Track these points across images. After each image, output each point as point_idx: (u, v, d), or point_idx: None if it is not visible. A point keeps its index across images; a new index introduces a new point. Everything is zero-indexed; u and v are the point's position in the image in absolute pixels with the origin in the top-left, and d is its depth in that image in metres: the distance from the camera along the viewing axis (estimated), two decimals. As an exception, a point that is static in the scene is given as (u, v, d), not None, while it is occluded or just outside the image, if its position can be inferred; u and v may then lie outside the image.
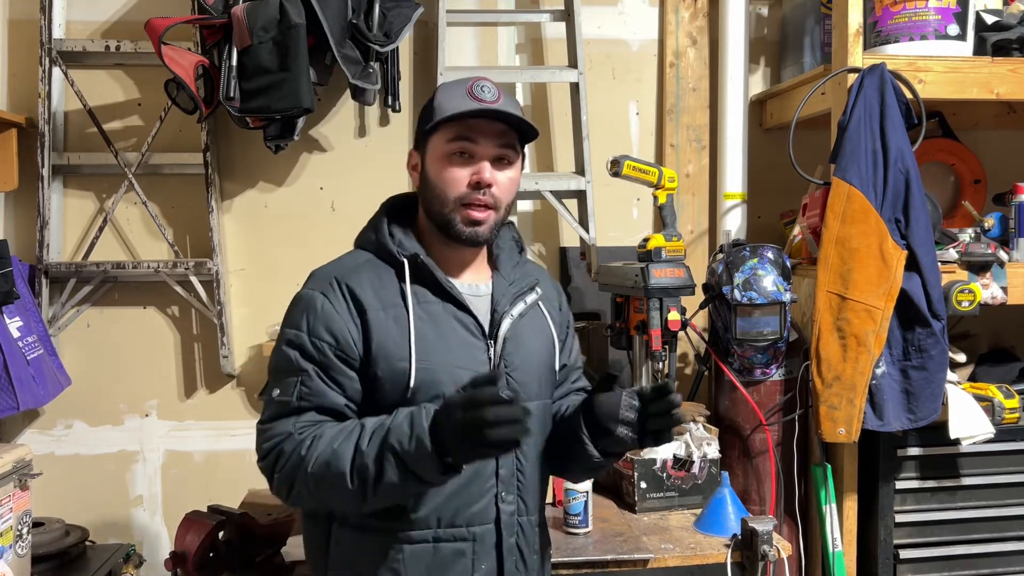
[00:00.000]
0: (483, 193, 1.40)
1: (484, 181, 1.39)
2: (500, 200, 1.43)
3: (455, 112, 1.38)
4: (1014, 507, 2.32)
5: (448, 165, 1.41)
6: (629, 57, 2.86)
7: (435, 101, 1.43)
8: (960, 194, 2.74)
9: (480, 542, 1.41)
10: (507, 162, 1.44)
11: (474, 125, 1.40)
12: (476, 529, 1.41)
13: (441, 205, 1.42)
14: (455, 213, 1.41)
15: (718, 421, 2.38)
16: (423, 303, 1.41)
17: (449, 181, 1.41)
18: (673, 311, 2.27)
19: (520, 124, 1.42)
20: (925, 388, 2.18)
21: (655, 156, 2.88)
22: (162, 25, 2.29)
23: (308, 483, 1.30)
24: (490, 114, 1.39)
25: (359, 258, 1.46)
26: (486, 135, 1.41)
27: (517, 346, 1.46)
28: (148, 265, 2.59)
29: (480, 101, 1.38)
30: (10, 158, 2.52)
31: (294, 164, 2.72)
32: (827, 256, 2.19)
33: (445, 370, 1.38)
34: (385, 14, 2.53)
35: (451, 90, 1.42)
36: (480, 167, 1.40)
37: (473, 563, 1.41)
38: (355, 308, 1.38)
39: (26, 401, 2.35)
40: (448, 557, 1.40)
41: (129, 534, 2.70)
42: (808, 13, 2.69)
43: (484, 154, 1.41)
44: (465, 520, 1.40)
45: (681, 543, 1.92)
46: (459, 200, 1.40)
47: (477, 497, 1.41)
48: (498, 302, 1.46)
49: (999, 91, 2.34)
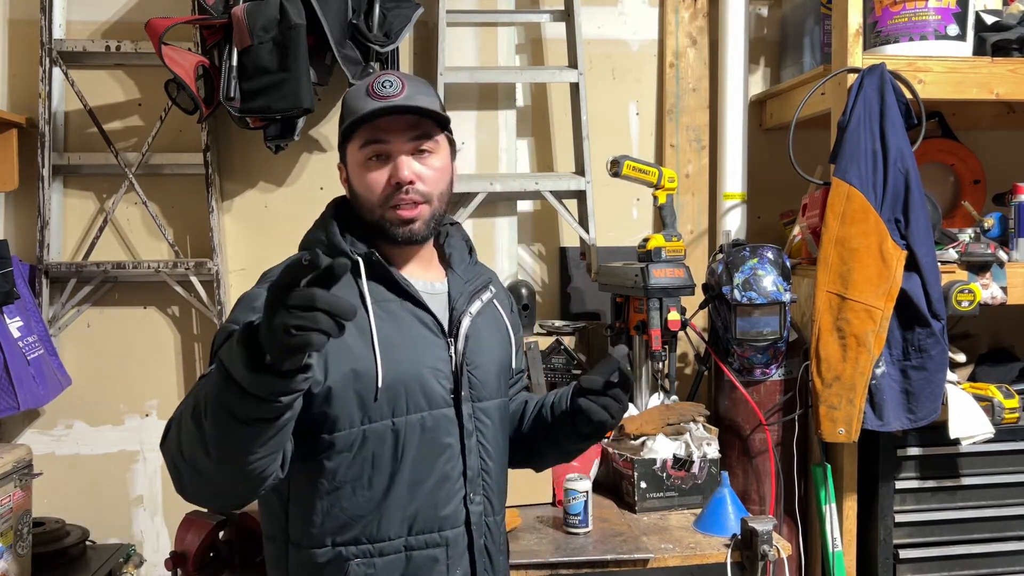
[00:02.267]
0: (406, 192, 1.34)
1: (402, 180, 1.34)
2: (429, 193, 1.37)
3: (356, 117, 1.33)
4: (1014, 507, 2.32)
5: (366, 172, 1.36)
6: (629, 57, 2.86)
7: (343, 109, 1.38)
8: (960, 194, 2.74)
9: (453, 546, 1.36)
10: (428, 153, 1.37)
11: (383, 125, 1.34)
12: (448, 533, 1.36)
13: (370, 212, 1.37)
14: (385, 216, 1.36)
15: (718, 421, 2.38)
16: (380, 302, 1.35)
17: (370, 187, 1.36)
18: (673, 311, 2.27)
19: (420, 113, 1.34)
20: (925, 388, 2.18)
21: (655, 156, 2.88)
22: (162, 25, 2.29)
23: (176, 439, 1.13)
24: (391, 110, 1.33)
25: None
26: (396, 132, 1.34)
27: (478, 344, 1.42)
28: (148, 265, 2.59)
29: (382, 98, 1.32)
30: (10, 158, 2.52)
31: (294, 164, 2.72)
32: (827, 256, 2.19)
33: (412, 369, 1.33)
34: (385, 14, 2.53)
35: (356, 93, 1.37)
36: (396, 167, 1.34)
37: (448, 568, 1.36)
38: None
39: (26, 401, 2.35)
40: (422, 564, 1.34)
41: (129, 534, 2.70)
42: (808, 13, 2.69)
43: (398, 151, 1.35)
44: (437, 525, 1.35)
45: (681, 543, 1.92)
46: (385, 203, 1.35)
47: (446, 500, 1.36)
48: (455, 300, 1.42)
49: (999, 91, 2.34)
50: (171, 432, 1.16)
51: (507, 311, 1.55)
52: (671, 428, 2.22)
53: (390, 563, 1.32)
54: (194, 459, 1.10)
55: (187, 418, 1.10)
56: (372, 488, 1.32)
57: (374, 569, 1.31)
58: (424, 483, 1.34)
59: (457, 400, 1.37)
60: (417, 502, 1.33)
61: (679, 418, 2.25)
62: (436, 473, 1.35)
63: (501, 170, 2.74)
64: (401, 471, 1.32)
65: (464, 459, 1.38)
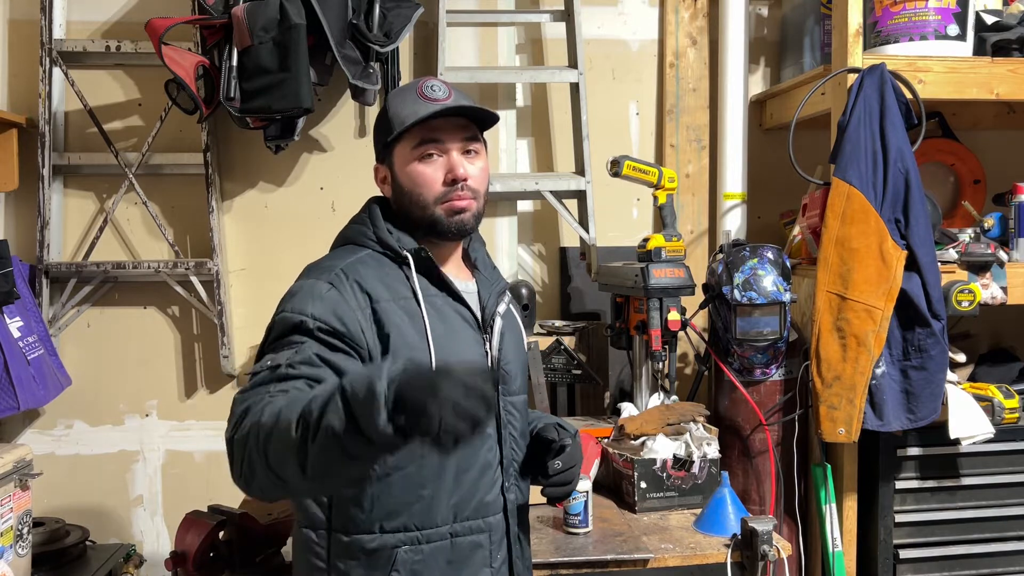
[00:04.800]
0: (461, 188, 1.41)
1: (460, 177, 1.41)
2: (477, 191, 1.45)
3: (417, 118, 1.39)
4: (1014, 507, 2.32)
5: (420, 170, 1.42)
6: (629, 57, 2.86)
7: (390, 112, 1.44)
8: (960, 194, 2.74)
9: (494, 532, 1.44)
10: (475, 153, 1.45)
11: (435, 125, 1.41)
12: (490, 519, 1.43)
13: (422, 208, 1.43)
14: (438, 211, 1.42)
15: (718, 421, 2.38)
16: (428, 296, 1.42)
17: (424, 184, 1.42)
18: (673, 311, 2.27)
19: (479, 114, 1.44)
20: (925, 388, 2.18)
21: (655, 156, 2.88)
22: (162, 25, 2.29)
23: (259, 436, 1.13)
24: (449, 112, 1.40)
25: (357, 252, 1.44)
26: (449, 132, 1.42)
27: (505, 340, 1.50)
28: (148, 265, 2.59)
29: (435, 101, 1.40)
30: (10, 158, 2.52)
31: (294, 164, 2.72)
32: (827, 256, 2.19)
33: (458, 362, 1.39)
34: (385, 14, 2.53)
35: (403, 97, 1.44)
36: (452, 164, 1.41)
37: (491, 553, 1.43)
38: (364, 297, 1.35)
39: (26, 401, 2.35)
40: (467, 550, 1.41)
41: (129, 534, 2.70)
42: (808, 13, 2.69)
43: (452, 151, 1.42)
44: (480, 511, 1.42)
45: (681, 543, 1.92)
46: (439, 199, 1.42)
47: (488, 488, 1.43)
48: (486, 299, 1.49)
49: (999, 91, 2.34)
50: (250, 432, 1.15)
51: (519, 314, 1.63)
52: (671, 428, 2.22)
53: (437, 549, 1.38)
54: (282, 468, 1.11)
55: (286, 430, 1.09)
56: (422, 476, 1.37)
57: (422, 555, 1.37)
58: (469, 471, 1.40)
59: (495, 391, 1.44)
60: (462, 490, 1.40)
61: (679, 418, 2.25)
62: (479, 462, 1.41)
63: (501, 170, 2.74)
64: (450, 460, 1.37)
65: (501, 448, 1.45)
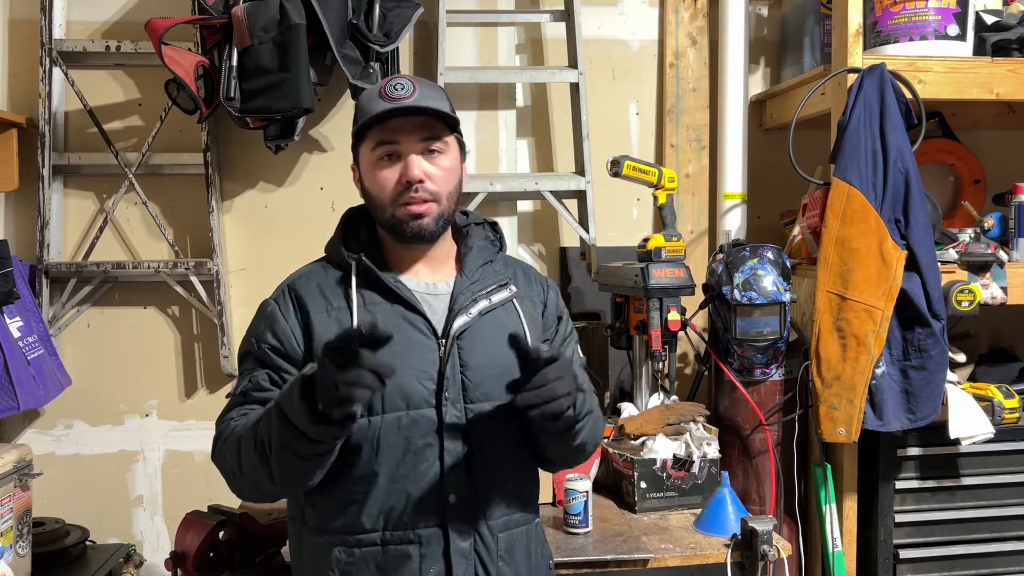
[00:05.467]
0: (415, 191, 1.39)
1: (412, 179, 1.39)
2: (438, 192, 1.41)
3: (368, 118, 1.39)
4: (1014, 507, 2.32)
5: (377, 171, 1.42)
6: (629, 57, 2.86)
7: (356, 111, 1.44)
8: (960, 194, 2.74)
9: (426, 544, 1.38)
10: (438, 153, 1.42)
11: (395, 126, 1.39)
12: (421, 531, 1.38)
13: (381, 210, 1.43)
14: (396, 213, 1.41)
15: (718, 421, 2.38)
16: (370, 304, 1.41)
17: (382, 186, 1.42)
18: (673, 311, 2.27)
19: (437, 113, 1.40)
20: (925, 388, 2.18)
21: (655, 156, 2.88)
22: (162, 25, 2.29)
23: (236, 454, 1.34)
24: (403, 111, 1.38)
25: (316, 264, 1.50)
26: (407, 132, 1.40)
27: (475, 345, 1.42)
28: (148, 265, 2.59)
29: (393, 100, 1.38)
30: (10, 158, 2.52)
31: (294, 164, 2.72)
32: (827, 256, 2.19)
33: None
34: (385, 14, 2.53)
35: (370, 95, 1.43)
36: (406, 165, 1.39)
37: (420, 566, 1.37)
38: (299, 311, 1.42)
39: (26, 401, 2.35)
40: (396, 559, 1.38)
41: (129, 534, 2.70)
42: (808, 13, 2.69)
43: (409, 151, 1.40)
44: (410, 522, 1.38)
45: (681, 543, 1.92)
46: (395, 201, 1.41)
47: (420, 498, 1.37)
48: (456, 300, 1.44)
49: (999, 91, 2.34)
50: (227, 453, 1.37)
51: (534, 309, 1.53)
52: (671, 428, 2.22)
53: (367, 554, 1.39)
54: (256, 481, 1.34)
55: (248, 450, 1.31)
56: (352, 480, 1.39)
57: (353, 558, 1.39)
58: (403, 481, 1.38)
59: (439, 401, 1.39)
60: (393, 498, 1.38)
61: (679, 418, 2.25)
62: (412, 471, 1.38)
63: (501, 170, 2.74)
64: (379, 467, 1.37)
65: (442, 460, 1.39)
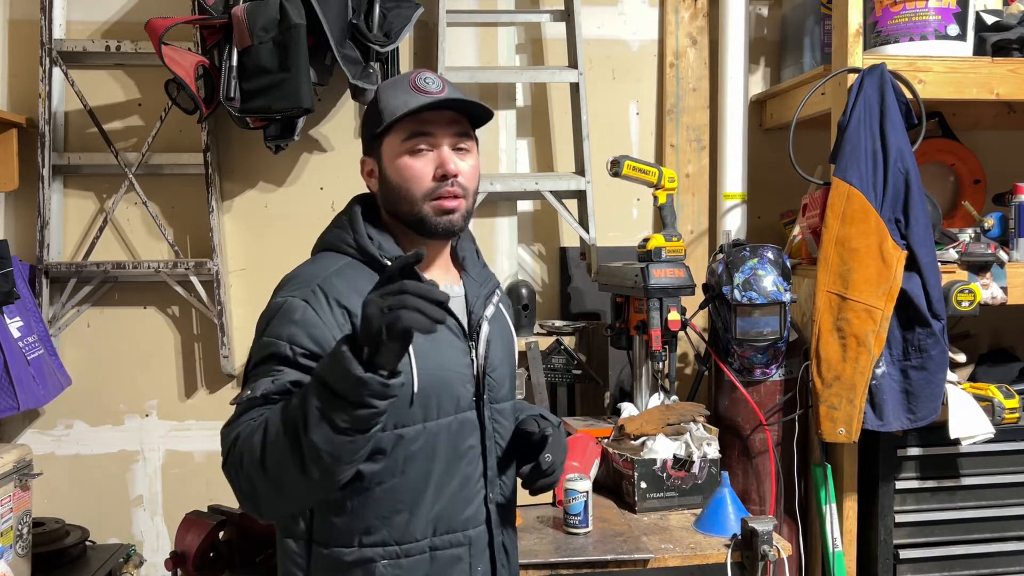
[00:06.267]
0: (451, 184, 1.36)
1: (450, 172, 1.35)
2: (468, 188, 1.39)
3: (408, 109, 1.33)
4: (1014, 507, 2.32)
5: (409, 163, 1.36)
6: (629, 57, 2.86)
7: (380, 104, 1.39)
8: (960, 194, 2.74)
9: (475, 544, 1.40)
10: (466, 151, 1.40)
11: (427, 118, 1.36)
12: (471, 532, 1.39)
13: (410, 204, 1.37)
14: (425, 208, 1.36)
15: (718, 421, 2.38)
16: None
17: (413, 178, 1.36)
18: (673, 311, 2.27)
19: (472, 109, 1.39)
20: (925, 388, 2.18)
21: (655, 156, 2.88)
22: (162, 25, 2.29)
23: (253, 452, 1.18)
24: (442, 104, 1.35)
25: (337, 261, 1.38)
26: (440, 126, 1.37)
27: (493, 347, 1.44)
28: (148, 265, 2.59)
29: (427, 93, 1.34)
30: (10, 158, 2.52)
31: (294, 164, 2.72)
32: (827, 256, 2.19)
33: (441, 375, 1.36)
34: (385, 14, 2.53)
35: (395, 88, 1.38)
36: (444, 159, 1.36)
37: (471, 566, 1.39)
38: (343, 313, 1.31)
39: (26, 401, 2.35)
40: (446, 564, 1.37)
41: (129, 534, 2.70)
42: (808, 13, 2.69)
43: (443, 145, 1.37)
44: (460, 525, 1.38)
45: (681, 543, 1.92)
46: (427, 195, 1.36)
47: (468, 501, 1.39)
48: (473, 303, 1.44)
49: (999, 91, 2.34)
50: (243, 454, 1.20)
51: (510, 314, 1.58)
52: (671, 428, 2.22)
53: (416, 563, 1.35)
54: (280, 475, 1.17)
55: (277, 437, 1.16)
56: (402, 490, 1.34)
57: (400, 569, 1.34)
58: (448, 485, 1.37)
59: (479, 403, 1.41)
60: (441, 503, 1.36)
61: (679, 418, 2.25)
62: (459, 475, 1.38)
63: (501, 170, 2.74)
64: (431, 474, 1.35)
65: (485, 460, 1.41)
